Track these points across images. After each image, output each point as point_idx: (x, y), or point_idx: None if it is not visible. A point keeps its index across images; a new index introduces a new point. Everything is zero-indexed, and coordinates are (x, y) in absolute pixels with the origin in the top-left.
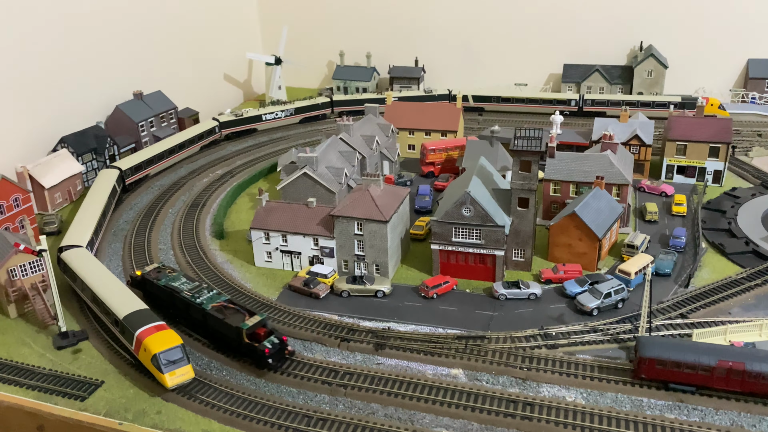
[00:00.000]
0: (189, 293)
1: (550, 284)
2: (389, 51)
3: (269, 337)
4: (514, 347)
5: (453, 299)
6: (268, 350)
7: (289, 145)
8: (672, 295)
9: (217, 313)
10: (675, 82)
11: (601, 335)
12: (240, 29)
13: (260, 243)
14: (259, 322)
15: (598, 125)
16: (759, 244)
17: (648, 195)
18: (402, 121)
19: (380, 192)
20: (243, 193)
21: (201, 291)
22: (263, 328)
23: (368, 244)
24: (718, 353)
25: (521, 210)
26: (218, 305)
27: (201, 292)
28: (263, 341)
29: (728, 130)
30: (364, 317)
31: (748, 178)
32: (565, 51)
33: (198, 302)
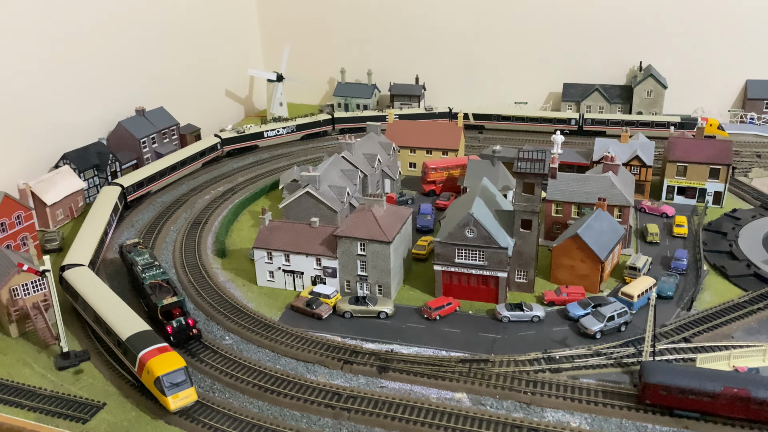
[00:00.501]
0: (141, 268)
1: (553, 306)
2: (390, 68)
3: (179, 319)
4: (518, 371)
5: (456, 321)
6: (171, 328)
7: (291, 162)
8: (675, 318)
9: (149, 289)
10: (674, 102)
11: (604, 359)
12: (242, 46)
13: (263, 262)
14: (176, 302)
15: (599, 146)
16: (760, 267)
17: (649, 216)
18: (403, 140)
19: (383, 212)
20: (245, 211)
21: (151, 268)
22: (179, 308)
23: (371, 265)
24: (722, 380)
25: (524, 231)
26: (155, 282)
27: (150, 269)
28: (172, 320)
29: (728, 151)
30: (366, 339)
31: (748, 200)
32: (565, 70)
33: (142, 277)
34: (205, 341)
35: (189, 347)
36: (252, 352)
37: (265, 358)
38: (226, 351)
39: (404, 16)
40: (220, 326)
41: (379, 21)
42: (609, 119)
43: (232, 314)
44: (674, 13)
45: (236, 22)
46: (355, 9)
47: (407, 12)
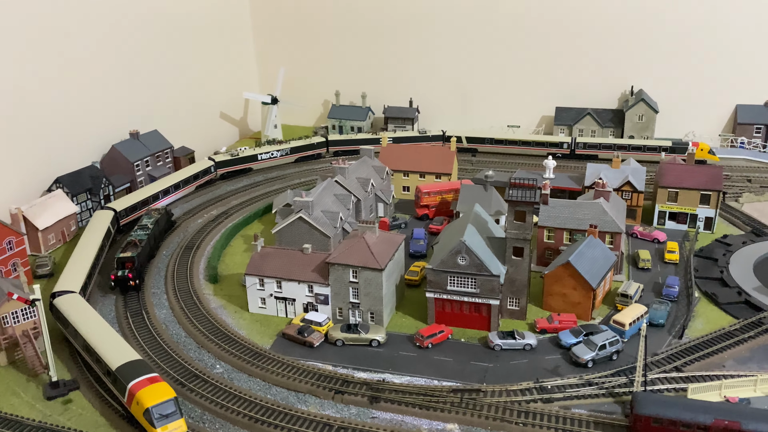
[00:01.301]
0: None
1: (545, 334)
2: (384, 91)
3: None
4: (510, 401)
5: (448, 349)
6: (113, 276)
7: (285, 185)
8: (666, 346)
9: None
10: (665, 126)
11: (596, 389)
12: (237, 68)
13: (254, 289)
14: (129, 257)
15: (591, 171)
16: (751, 294)
17: (641, 241)
18: (397, 163)
19: (376, 239)
20: (238, 235)
21: (142, 228)
22: (131, 263)
23: (363, 292)
24: (714, 411)
25: (516, 259)
26: (132, 239)
27: (140, 229)
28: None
29: (719, 177)
30: (358, 368)
31: (739, 225)
32: (558, 94)
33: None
34: (195, 370)
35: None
36: (243, 381)
37: (256, 387)
38: (216, 380)
39: (399, 40)
40: (211, 354)
41: (374, 44)
42: (601, 143)
43: (224, 342)
44: (665, 38)
45: (232, 44)
46: (350, 32)
47: (402, 35)
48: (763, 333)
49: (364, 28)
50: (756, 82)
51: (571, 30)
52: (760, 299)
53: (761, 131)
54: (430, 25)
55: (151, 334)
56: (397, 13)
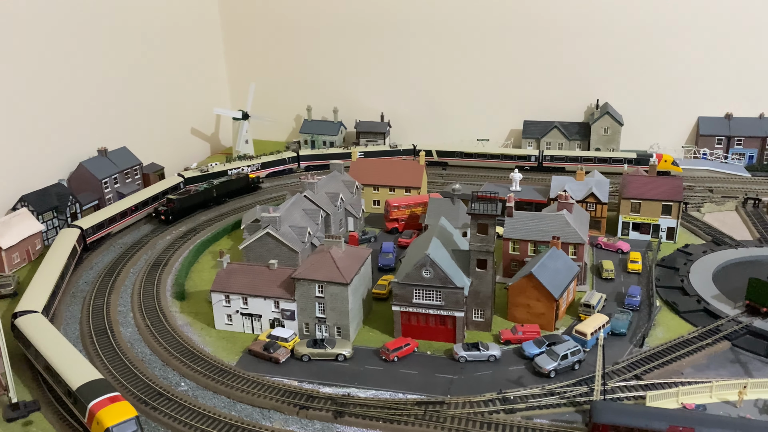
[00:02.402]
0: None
1: (510, 345)
2: (356, 106)
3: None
4: (473, 412)
5: (414, 362)
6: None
7: (254, 201)
8: (627, 355)
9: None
10: (631, 138)
11: (558, 398)
12: (208, 84)
13: (220, 305)
14: (173, 199)
15: (556, 183)
16: (710, 303)
17: (605, 252)
18: (367, 178)
19: (342, 254)
20: (206, 251)
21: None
22: (172, 204)
23: (329, 307)
24: (669, 418)
25: (480, 271)
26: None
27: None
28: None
29: (679, 188)
30: (324, 382)
31: (700, 234)
32: (526, 108)
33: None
34: (159, 388)
35: None
36: (207, 399)
37: (221, 404)
38: (180, 398)
39: (370, 55)
40: (176, 372)
41: (346, 59)
42: (568, 155)
43: (189, 359)
44: (630, 52)
45: (202, 60)
46: (321, 47)
47: (373, 50)
48: (720, 340)
49: (335, 43)
50: (717, 95)
51: (539, 45)
52: (719, 307)
53: (722, 142)
54: (401, 40)
55: (116, 353)
56: (368, 28)
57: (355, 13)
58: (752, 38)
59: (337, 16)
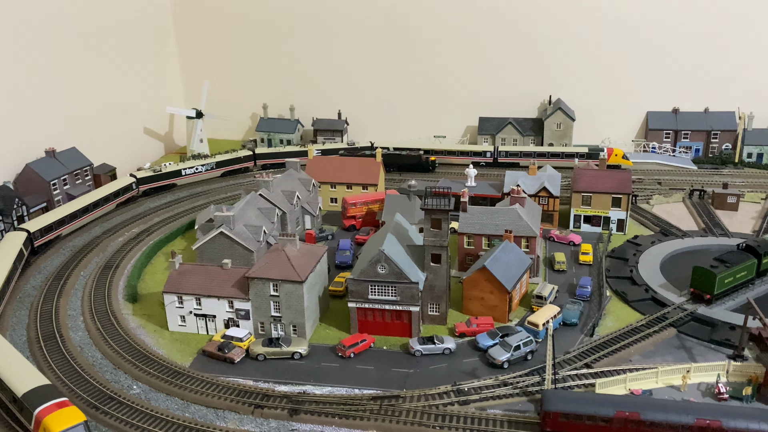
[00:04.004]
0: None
1: (464, 338)
2: (313, 103)
3: None
4: (428, 405)
5: (370, 358)
6: None
7: (210, 201)
8: (578, 344)
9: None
10: (583, 133)
11: (510, 389)
12: (161, 83)
13: (173, 307)
14: None
15: (509, 178)
16: (657, 291)
17: (558, 244)
18: (323, 175)
19: (296, 252)
20: (159, 253)
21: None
22: None
23: (285, 305)
24: (615, 404)
25: (434, 266)
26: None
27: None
28: None
29: (628, 181)
30: (279, 381)
31: (649, 226)
32: (481, 104)
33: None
34: (110, 392)
35: None
36: (160, 401)
37: (174, 406)
38: (132, 401)
39: (326, 52)
40: (128, 375)
41: (301, 56)
42: (522, 151)
43: (141, 362)
44: (581, 49)
45: (154, 58)
46: (276, 44)
47: (329, 47)
48: (667, 327)
49: (291, 40)
50: (665, 91)
51: (493, 42)
52: (665, 295)
53: (670, 136)
54: (358, 38)
55: (65, 358)
56: (323, 25)
57: (310, 11)
58: (697, 35)
59: (293, 13)
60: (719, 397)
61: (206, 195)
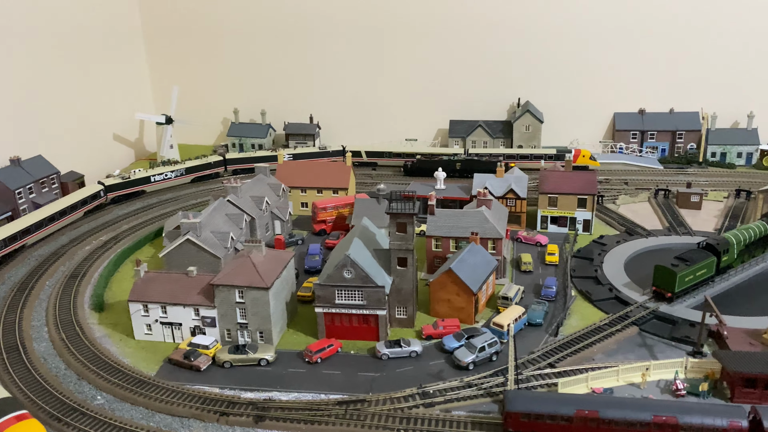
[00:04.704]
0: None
1: (432, 340)
2: (284, 108)
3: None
4: (393, 408)
5: (337, 362)
6: None
7: (179, 207)
8: (543, 344)
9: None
10: (551, 134)
11: (475, 390)
12: (130, 89)
13: (139, 315)
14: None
15: (477, 181)
16: (621, 290)
17: (525, 245)
18: (294, 180)
19: (262, 258)
20: (127, 261)
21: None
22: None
23: (251, 312)
24: (575, 403)
25: (401, 269)
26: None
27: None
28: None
29: (593, 182)
30: (246, 388)
31: (615, 225)
32: (452, 107)
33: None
34: (73, 403)
35: None
36: (125, 411)
37: (138, 416)
38: (96, 412)
39: (297, 56)
40: (92, 385)
41: (272, 61)
42: (491, 153)
43: (106, 372)
44: (549, 52)
45: (123, 64)
46: (246, 49)
47: (300, 52)
48: (629, 326)
49: (262, 44)
50: (631, 92)
51: (463, 46)
52: (628, 294)
53: (637, 137)
54: (330, 42)
55: (27, 370)
56: (295, 29)
57: (281, 14)
58: (662, 38)
59: (263, 17)
60: (677, 394)
61: (176, 201)
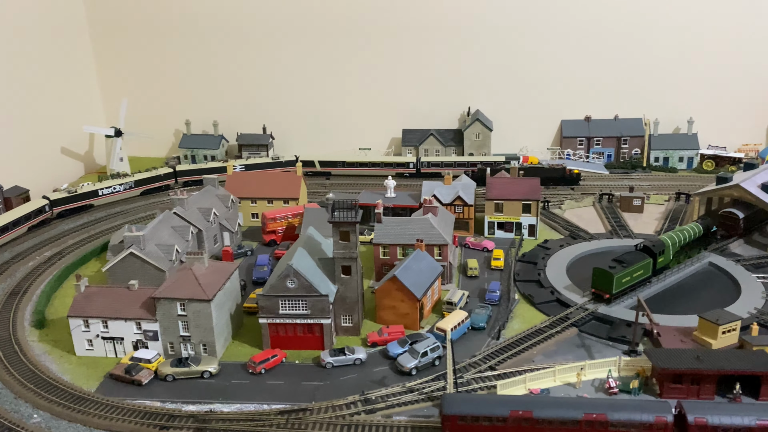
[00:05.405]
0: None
1: (377, 347)
2: (237, 118)
3: None
4: (335, 416)
5: (281, 372)
6: None
7: (127, 221)
8: (485, 347)
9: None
10: (501, 142)
11: (416, 395)
12: (79, 101)
13: (80, 331)
14: None
15: (426, 188)
16: (562, 293)
17: (472, 251)
18: (244, 191)
19: (204, 270)
20: (71, 276)
21: None
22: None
23: (193, 324)
24: (510, 404)
25: (345, 277)
26: None
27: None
28: None
29: (537, 188)
30: (187, 401)
31: (559, 230)
32: (405, 116)
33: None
34: (8, 423)
35: None
36: (62, 429)
37: None
38: (32, 431)
39: (250, 66)
40: (29, 403)
41: (224, 71)
42: (443, 161)
43: (44, 389)
44: (497, 61)
45: (72, 76)
46: (198, 60)
47: (252, 61)
48: (569, 327)
49: (213, 55)
50: (577, 99)
51: (414, 55)
52: (569, 297)
53: (583, 143)
54: (281, 51)
55: None
56: (245, 39)
57: (232, 24)
58: (606, 46)
59: (214, 27)
60: (609, 392)
61: (124, 215)
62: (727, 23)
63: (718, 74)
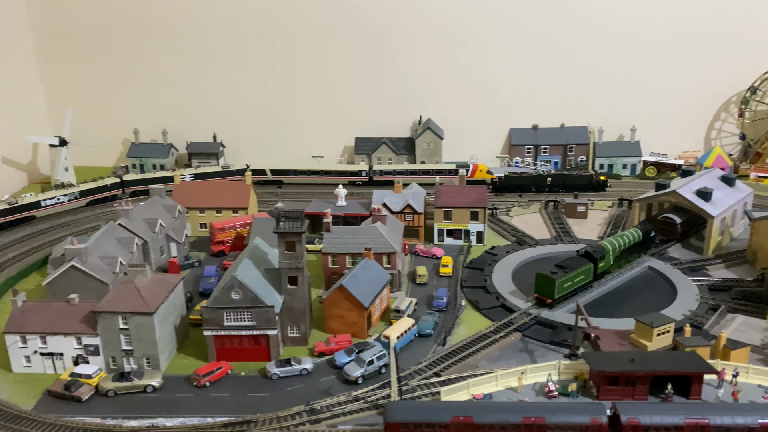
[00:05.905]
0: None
1: (324, 357)
2: (187, 127)
3: None
4: (280, 427)
5: (226, 385)
6: None
7: (70, 233)
8: (431, 354)
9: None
10: (453, 150)
11: (361, 403)
12: (22, 110)
13: (16, 347)
14: None
15: (377, 197)
16: (507, 298)
17: (422, 258)
18: (191, 201)
19: (147, 282)
20: (11, 290)
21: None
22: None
23: (136, 338)
24: (452, 410)
25: (292, 288)
26: None
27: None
28: None
29: (484, 196)
30: (129, 416)
31: (507, 236)
32: (357, 125)
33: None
34: None
35: None
36: None
37: None
38: None
39: (199, 73)
40: None
41: (173, 79)
42: (395, 169)
43: None
44: (447, 71)
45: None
46: (146, 67)
47: (202, 69)
48: (513, 332)
49: (161, 61)
50: (525, 109)
51: (366, 64)
52: (514, 302)
53: (531, 151)
54: (231, 58)
55: None
56: (194, 46)
57: (179, 31)
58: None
59: (161, 34)
60: (549, 395)
61: (69, 226)
62: (667, 34)
63: (660, 84)
